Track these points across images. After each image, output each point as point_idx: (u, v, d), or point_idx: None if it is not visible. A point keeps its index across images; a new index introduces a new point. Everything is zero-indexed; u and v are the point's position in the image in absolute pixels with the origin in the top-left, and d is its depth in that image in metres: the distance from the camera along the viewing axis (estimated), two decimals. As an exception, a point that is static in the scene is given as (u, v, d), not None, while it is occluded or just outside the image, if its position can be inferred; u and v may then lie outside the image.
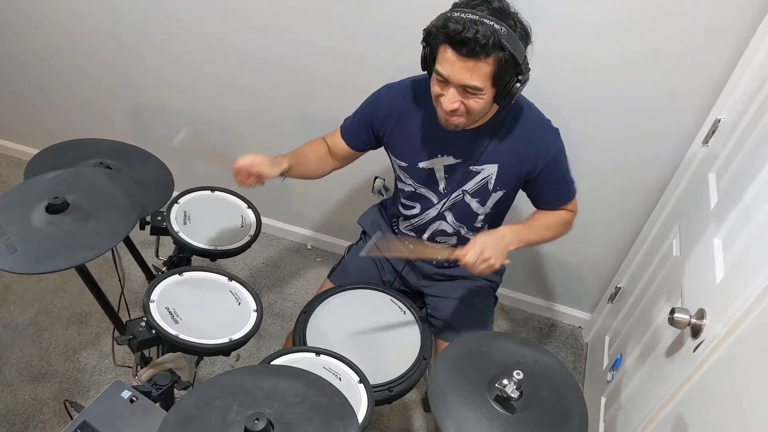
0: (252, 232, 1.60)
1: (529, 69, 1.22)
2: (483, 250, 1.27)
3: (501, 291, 2.03)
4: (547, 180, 1.40)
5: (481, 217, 1.49)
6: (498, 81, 1.19)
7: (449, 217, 1.50)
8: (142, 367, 1.33)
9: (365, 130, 1.48)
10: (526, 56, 1.20)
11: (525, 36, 1.20)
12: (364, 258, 1.70)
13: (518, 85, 1.21)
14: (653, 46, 1.65)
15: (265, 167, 1.31)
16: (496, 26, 1.13)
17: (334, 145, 1.53)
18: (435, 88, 1.26)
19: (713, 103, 1.68)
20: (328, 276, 1.70)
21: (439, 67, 1.20)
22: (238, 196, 1.69)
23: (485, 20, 1.12)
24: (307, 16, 1.93)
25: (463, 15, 1.14)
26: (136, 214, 1.31)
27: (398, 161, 1.47)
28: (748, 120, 1.46)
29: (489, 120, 1.35)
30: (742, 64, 1.57)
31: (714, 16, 1.55)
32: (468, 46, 1.14)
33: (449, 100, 1.23)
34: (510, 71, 1.18)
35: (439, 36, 1.17)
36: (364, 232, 1.76)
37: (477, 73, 1.17)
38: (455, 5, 1.19)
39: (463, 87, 1.20)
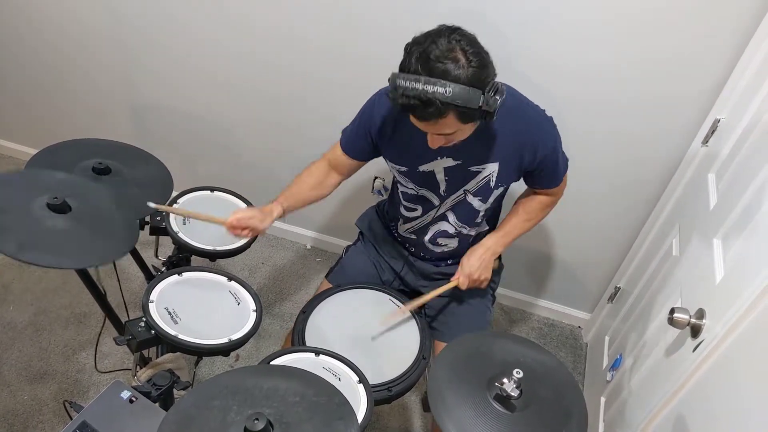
0: (251, 232, 1.60)
1: (498, 89, 1.16)
2: (471, 274, 1.48)
3: (500, 291, 2.04)
4: (543, 168, 1.41)
5: (481, 213, 1.49)
6: (467, 119, 1.18)
7: (451, 217, 1.51)
8: (141, 368, 1.33)
9: (364, 138, 1.46)
10: (489, 87, 1.14)
11: (481, 66, 1.13)
12: (362, 258, 1.70)
13: (490, 111, 1.16)
14: (653, 48, 1.65)
15: (255, 221, 1.40)
16: (439, 90, 1.09)
17: (335, 159, 1.52)
18: None
19: (713, 103, 1.68)
20: (326, 276, 1.70)
21: (410, 119, 1.21)
22: (237, 196, 1.69)
23: (427, 88, 1.09)
24: (307, 16, 1.93)
25: (406, 84, 1.11)
26: (132, 241, 1.34)
27: (398, 166, 1.46)
28: (747, 120, 1.46)
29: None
30: (741, 64, 1.58)
31: (714, 17, 1.56)
32: (417, 116, 1.16)
33: (431, 142, 1.27)
34: (473, 113, 1.16)
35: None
36: (361, 234, 1.75)
37: (440, 126, 1.18)
38: (402, 64, 1.16)
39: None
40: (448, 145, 1.29)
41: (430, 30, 1.16)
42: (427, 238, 1.57)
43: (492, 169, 1.39)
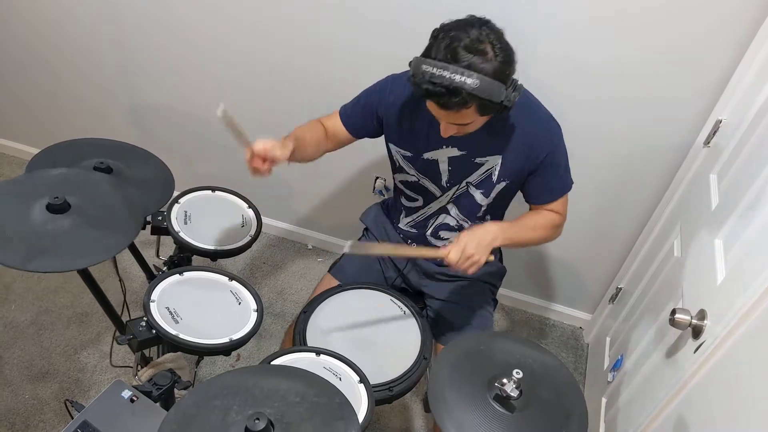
0: (252, 231, 1.60)
1: (517, 86, 1.19)
2: (465, 248, 1.27)
3: (501, 291, 2.03)
4: (543, 172, 1.40)
5: (483, 209, 1.49)
6: (485, 112, 1.20)
7: (453, 210, 1.51)
8: (142, 367, 1.33)
9: (370, 119, 1.47)
10: (509, 83, 1.17)
11: (506, 62, 1.16)
12: (365, 256, 1.70)
13: (508, 106, 1.19)
14: (655, 48, 1.65)
15: (278, 150, 1.24)
16: (467, 81, 1.11)
17: (333, 129, 1.52)
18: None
19: (714, 104, 1.67)
20: (329, 270, 1.69)
21: (427, 105, 1.22)
22: (238, 196, 1.69)
23: (455, 77, 1.11)
24: (307, 16, 1.93)
25: (432, 70, 1.12)
26: (137, 228, 1.32)
27: (402, 151, 1.47)
28: (749, 121, 1.46)
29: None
30: (743, 64, 1.57)
31: (715, 17, 1.55)
32: (441, 104, 1.17)
33: (444, 131, 1.28)
34: (494, 106, 1.17)
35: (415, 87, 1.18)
36: (366, 230, 1.75)
37: (460, 116, 1.20)
38: (427, 50, 1.17)
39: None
40: (460, 135, 1.30)
41: (459, 19, 1.18)
42: (428, 232, 1.56)
43: (495, 161, 1.39)
